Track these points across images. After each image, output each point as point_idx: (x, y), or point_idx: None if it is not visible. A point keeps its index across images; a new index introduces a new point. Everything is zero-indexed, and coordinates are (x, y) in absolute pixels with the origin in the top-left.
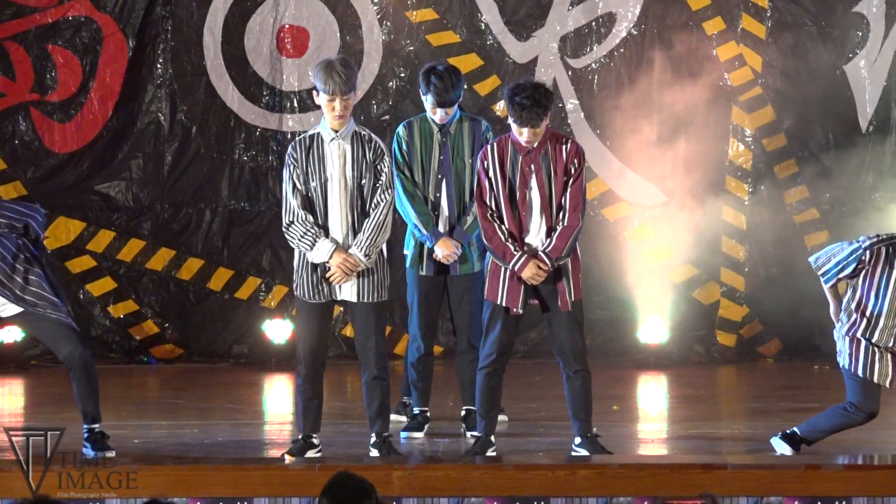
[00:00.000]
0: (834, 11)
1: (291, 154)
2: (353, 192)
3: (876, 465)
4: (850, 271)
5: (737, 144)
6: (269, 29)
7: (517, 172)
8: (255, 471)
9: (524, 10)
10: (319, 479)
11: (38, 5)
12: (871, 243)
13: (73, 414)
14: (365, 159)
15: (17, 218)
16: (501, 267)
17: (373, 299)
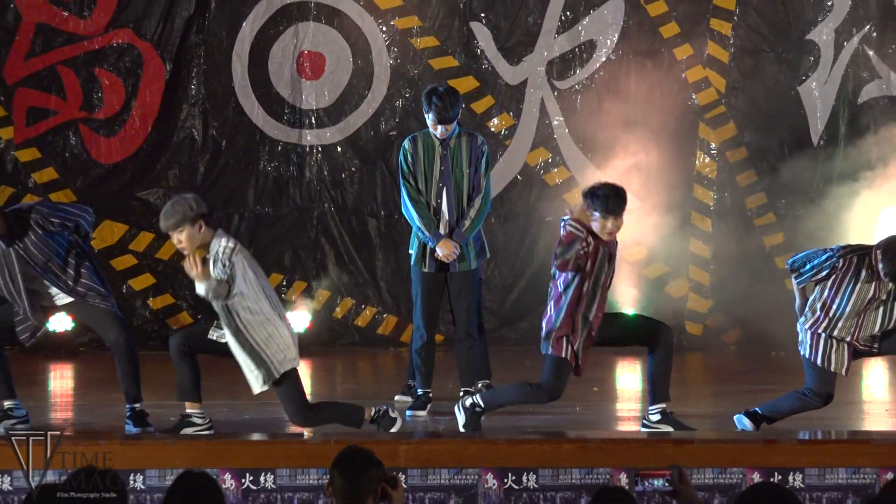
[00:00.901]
0: (789, 39)
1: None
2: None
3: (826, 439)
4: (823, 275)
5: (703, 156)
6: (290, 54)
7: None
8: (277, 445)
9: (515, 38)
10: (333, 452)
11: (86, 33)
12: (844, 252)
13: (118, 395)
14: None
15: (68, 217)
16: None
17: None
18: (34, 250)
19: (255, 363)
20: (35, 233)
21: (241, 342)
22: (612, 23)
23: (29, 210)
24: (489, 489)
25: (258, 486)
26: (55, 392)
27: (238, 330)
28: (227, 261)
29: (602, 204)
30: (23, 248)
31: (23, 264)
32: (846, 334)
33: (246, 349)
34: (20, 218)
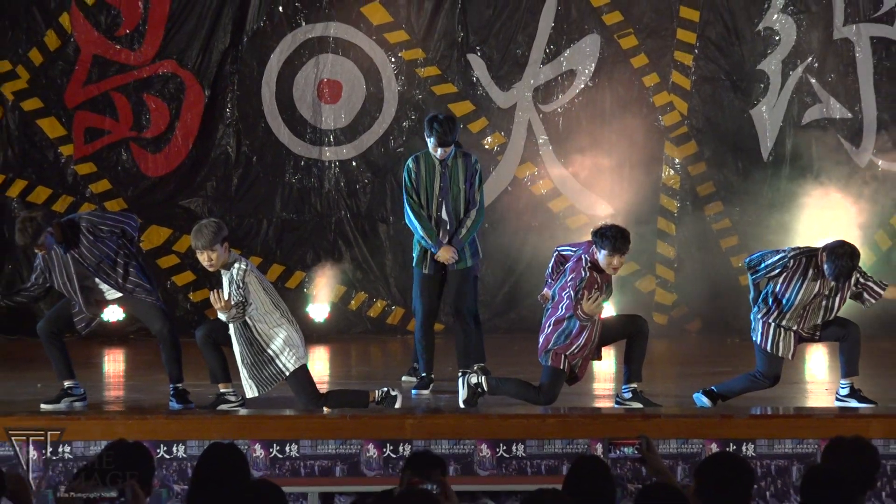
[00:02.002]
0: (742, 69)
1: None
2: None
3: (774, 415)
4: (776, 273)
5: (668, 170)
6: (312, 82)
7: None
8: (300, 419)
9: (506, 67)
10: (349, 425)
11: (136, 64)
12: (795, 254)
13: (163, 376)
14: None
15: (115, 224)
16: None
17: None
18: (87, 254)
19: (260, 367)
20: (87, 238)
21: (255, 350)
22: (589, 55)
23: (81, 219)
24: (483, 457)
25: (284, 454)
26: (108, 373)
27: (253, 338)
28: (241, 282)
29: (610, 243)
30: (77, 252)
31: (78, 266)
32: (793, 324)
33: (257, 355)
34: (74, 226)
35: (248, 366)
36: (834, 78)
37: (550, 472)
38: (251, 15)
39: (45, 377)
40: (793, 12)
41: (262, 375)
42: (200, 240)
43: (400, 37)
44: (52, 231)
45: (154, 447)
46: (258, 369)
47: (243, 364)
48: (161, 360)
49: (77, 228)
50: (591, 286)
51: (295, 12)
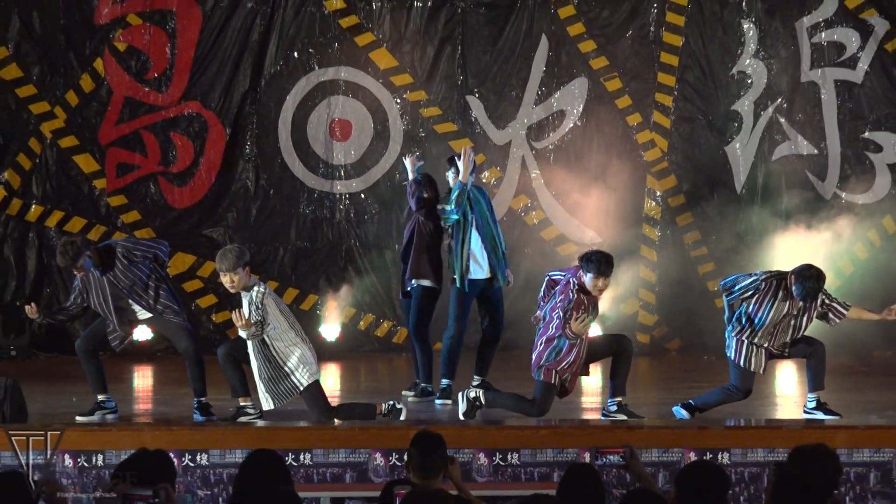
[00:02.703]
0: (718, 109)
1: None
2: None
3: (747, 426)
4: (749, 294)
5: (650, 202)
6: (324, 121)
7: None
8: (313, 430)
9: (501, 108)
10: (359, 436)
11: (163, 105)
12: (766, 277)
13: (187, 391)
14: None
15: (148, 250)
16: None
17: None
18: (122, 277)
19: (276, 382)
20: (122, 263)
21: (272, 366)
22: (578, 96)
23: (116, 245)
24: (481, 465)
25: (298, 462)
26: (138, 388)
27: (271, 355)
28: (260, 303)
29: (595, 267)
30: (113, 275)
31: (113, 288)
32: (764, 341)
33: (274, 371)
34: (110, 251)
35: (265, 380)
36: (801, 117)
37: (543, 478)
38: (269, 60)
39: (79, 391)
40: (764, 57)
41: (279, 390)
42: (224, 263)
43: (404, 80)
44: (90, 255)
45: (179, 456)
46: (275, 384)
47: (261, 379)
48: (186, 376)
49: (113, 253)
50: (578, 307)
51: (308, 58)
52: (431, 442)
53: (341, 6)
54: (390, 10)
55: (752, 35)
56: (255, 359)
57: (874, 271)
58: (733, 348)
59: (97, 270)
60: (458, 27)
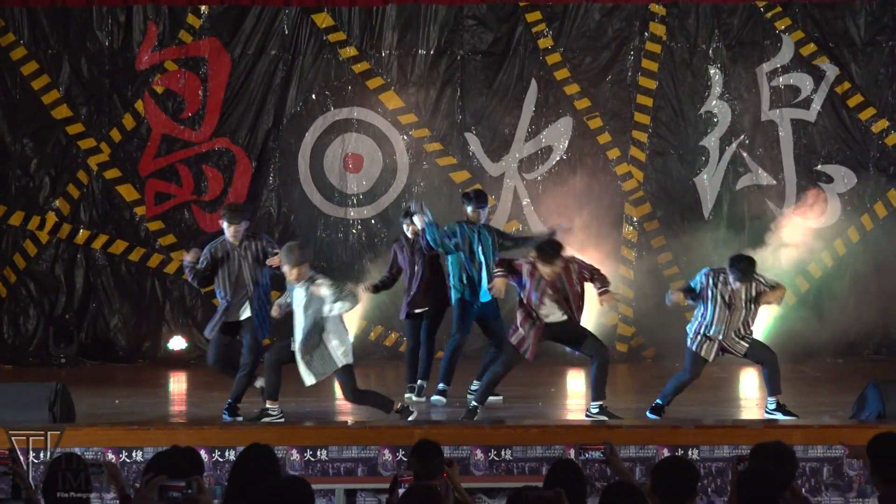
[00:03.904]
0: (687, 144)
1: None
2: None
3: (714, 425)
4: (698, 291)
5: (628, 226)
6: (339, 155)
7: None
8: (328, 429)
9: (496, 143)
10: (370, 434)
11: (196, 140)
12: (707, 272)
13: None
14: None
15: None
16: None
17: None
18: (252, 263)
19: (321, 361)
20: (259, 251)
21: (319, 343)
22: (563, 133)
23: (267, 243)
24: (478, 460)
25: (316, 458)
26: (173, 392)
27: (320, 333)
28: (331, 280)
29: (541, 254)
30: (251, 260)
31: (247, 273)
32: (719, 333)
33: (319, 348)
34: (256, 235)
35: (309, 357)
36: (762, 152)
37: (533, 472)
38: (290, 101)
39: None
40: (728, 99)
41: (320, 367)
42: (292, 256)
43: (410, 119)
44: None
45: (210, 452)
46: (318, 362)
47: (305, 355)
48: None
49: (259, 240)
50: (520, 267)
51: (325, 99)
52: (430, 451)
53: (354, 53)
54: (398, 58)
55: (718, 79)
56: (303, 335)
57: (827, 288)
58: (690, 338)
59: (242, 251)
60: (457, 72)
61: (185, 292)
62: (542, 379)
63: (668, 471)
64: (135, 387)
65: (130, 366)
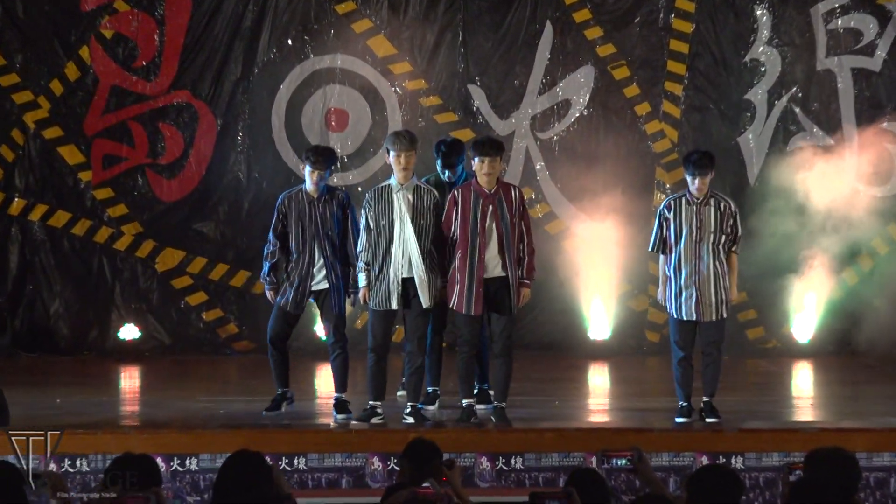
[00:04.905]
0: (730, 98)
1: (368, 199)
2: (415, 229)
3: (762, 429)
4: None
5: (659, 194)
6: (319, 111)
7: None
8: (308, 433)
9: (504, 97)
10: (355, 440)
11: (152, 94)
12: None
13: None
14: (423, 206)
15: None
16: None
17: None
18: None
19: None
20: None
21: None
22: (584, 85)
23: (341, 193)
24: (483, 470)
25: (292, 467)
26: (124, 390)
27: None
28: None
29: (476, 149)
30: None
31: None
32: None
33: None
34: (332, 189)
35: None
36: (817, 107)
37: (548, 484)
38: (261, 48)
39: (64, 392)
40: (777, 45)
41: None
42: (408, 139)
43: (403, 68)
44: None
45: (167, 460)
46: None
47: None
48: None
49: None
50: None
51: (303, 45)
52: (426, 452)
53: None
54: None
55: (766, 21)
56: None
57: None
58: (665, 298)
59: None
60: (458, 13)
61: (139, 272)
62: (558, 373)
63: (707, 482)
64: (79, 383)
65: (74, 358)
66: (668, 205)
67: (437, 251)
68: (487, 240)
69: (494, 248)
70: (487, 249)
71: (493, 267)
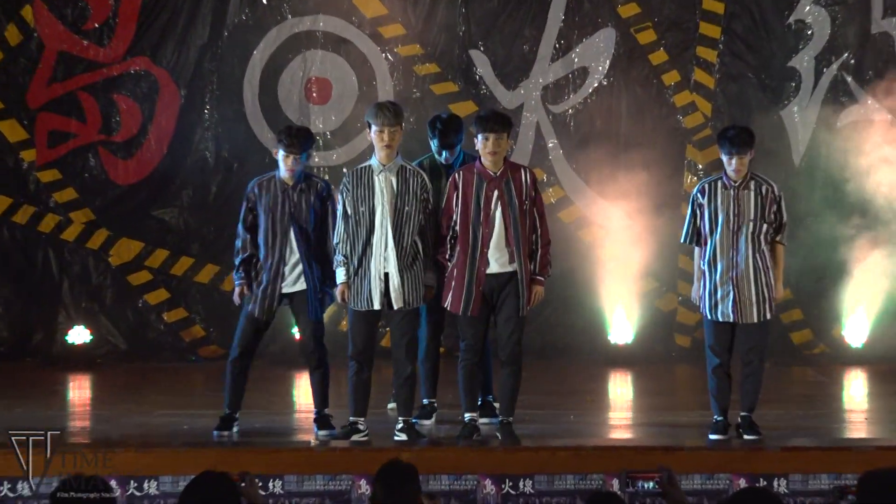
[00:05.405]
0: (771, 66)
1: (345, 182)
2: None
3: (809, 447)
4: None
5: (690, 177)
6: (299, 80)
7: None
8: (285, 452)
9: (512, 64)
10: (339, 459)
11: (105, 61)
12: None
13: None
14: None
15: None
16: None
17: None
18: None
19: (414, 286)
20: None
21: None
22: (603, 50)
23: (320, 183)
24: (487, 494)
25: (267, 491)
26: (74, 401)
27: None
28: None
29: (480, 125)
30: (297, 201)
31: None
32: (725, 270)
33: (416, 270)
34: (310, 177)
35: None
36: (872, 75)
37: None
38: (232, 7)
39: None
40: (827, 4)
41: (412, 293)
42: (394, 113)
43: (395, 31)
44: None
45: (123, 484)
46: (411, 285)
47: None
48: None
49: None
50: (451, 189)
51: (280, 4)
52: (401, 475)
53: None
54: None
55: None
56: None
57: None
58: (699, 296)
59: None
60: None
61: (90, 266)
62: (574, 383)
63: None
64: (21, 394)
65: (14, 365)
66: (702, 189)
67: (425, 243)
68: (492, 230)
69: (501, 240)
70: (492, 241)
71: (500, 261)
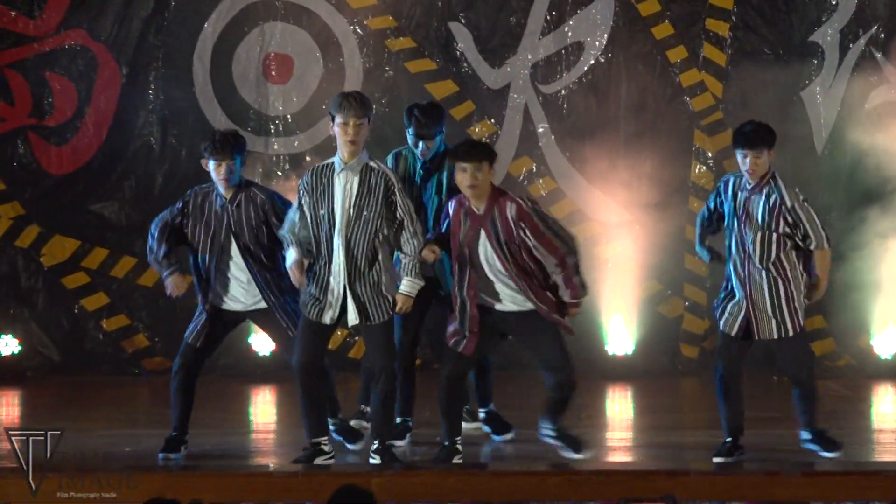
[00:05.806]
0: (791, 41)
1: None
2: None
3: (832, 471)
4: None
5: (699, 166)
6: (256, 56)
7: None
8: (240, 477)
9: (497, 39)
10: (302, 484)
11: (36, 34)
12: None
13: (66, 423)
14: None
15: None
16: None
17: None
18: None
19: (375, 298)
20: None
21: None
22: (600, 23)
23: (264, 191)
24: None
25: None
26: (1, 419)
27: (377, 264)
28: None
29: (452, 156)
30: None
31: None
32: (737, 263)
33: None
34: (249, 187)
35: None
36: None
37: None
38: None
39: None
40: None
41: (376, 307)
42: (362, 106)
43: (365, 1)
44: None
45: None
46: (373, 298)
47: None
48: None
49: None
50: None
51: None
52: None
53: None
54: None
55: None
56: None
57: None
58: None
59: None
60: None
61: (19, 267)
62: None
63: None
64: None
65: None
66: (726, 181)
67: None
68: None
69: (501, 284)
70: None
71: (516, 300)
